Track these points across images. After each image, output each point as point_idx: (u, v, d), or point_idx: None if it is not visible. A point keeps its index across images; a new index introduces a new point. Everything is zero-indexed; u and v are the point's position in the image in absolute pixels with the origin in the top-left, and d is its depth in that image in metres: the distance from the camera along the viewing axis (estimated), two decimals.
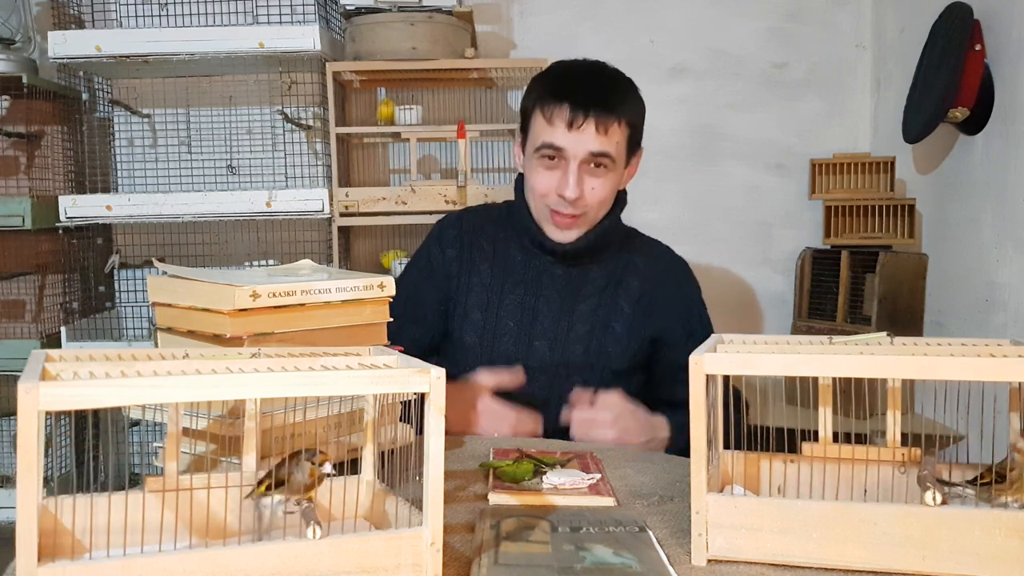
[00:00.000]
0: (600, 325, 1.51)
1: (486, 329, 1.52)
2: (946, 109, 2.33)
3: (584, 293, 1.53)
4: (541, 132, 1.44)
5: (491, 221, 1.61)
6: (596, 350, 1.51)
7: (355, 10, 2.75)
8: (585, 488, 0.99)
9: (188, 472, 0.82)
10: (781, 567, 0.79)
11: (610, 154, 1.43)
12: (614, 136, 1.43)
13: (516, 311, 1.52)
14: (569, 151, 1.42)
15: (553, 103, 1.43)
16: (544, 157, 1.45)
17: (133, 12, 2.93)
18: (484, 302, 1.53)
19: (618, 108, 1.43)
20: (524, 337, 1.51)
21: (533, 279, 1.53)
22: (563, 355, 1.50)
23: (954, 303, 2.55)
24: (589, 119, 1.40)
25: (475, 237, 1.59)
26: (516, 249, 1.56)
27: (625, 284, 1.54)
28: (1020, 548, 0.74)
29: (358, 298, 1.06)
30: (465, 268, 1.56)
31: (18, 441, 0.62)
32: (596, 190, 1.45)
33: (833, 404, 0.89)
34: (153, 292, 1.06)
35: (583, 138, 1.41)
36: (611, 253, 1.55)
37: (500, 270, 1.55)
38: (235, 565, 0.68)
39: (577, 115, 1.40)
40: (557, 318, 1.51)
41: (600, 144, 1.41)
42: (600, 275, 1.54)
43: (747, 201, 3.17)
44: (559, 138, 1.42)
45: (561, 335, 1.51)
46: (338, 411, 0.98)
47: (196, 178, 3.09)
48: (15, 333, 2.97)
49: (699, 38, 3.14)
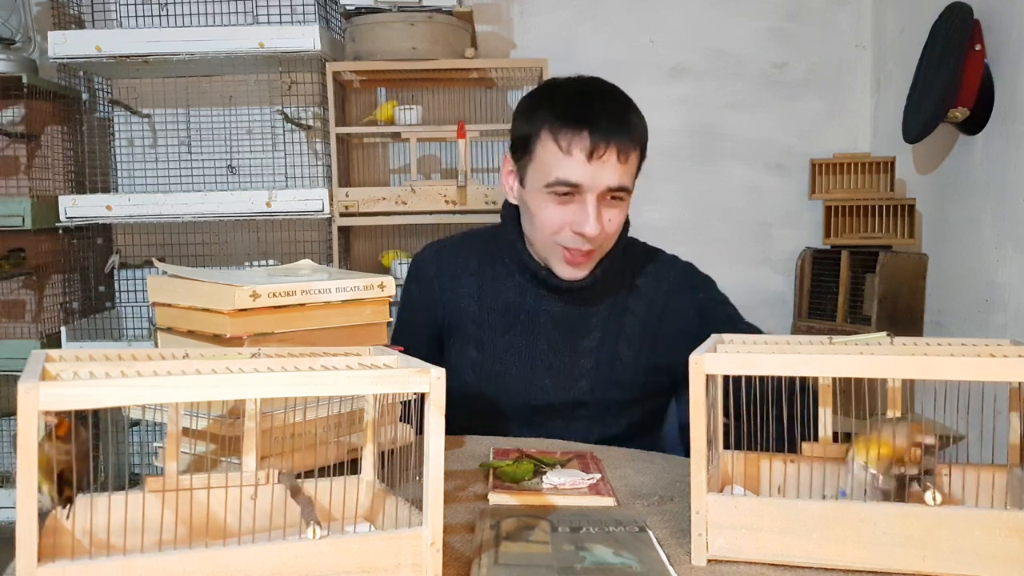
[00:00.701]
0: (606, 358, 1.41)
1: (484, 369, 1.42)
2: (946, 109, 2.33)
3: (587, 327, 1.42)
4: (555, 165, 1.27)
5: (474, 253, 1.47)
6: (605, 383, 1.41)
7: (355, 10, 2.76)
8: (585, 488, 0.99)
9: (188, 472, 0.82)
10: (781, 567, 0.79)
11: (627, 187, 1.30)
12: (632, 165, 1.30)
13: (515, 352, 1.41)
14: (587, 185, 1.26)
15: (571, 131, 1.26)
16: (556, 193, 1.29)
17: (133, 12, 2.93)
18: (479, 341, 1.43)
19: (634, 132, 1.29)
20: (526, 377, 1.41)
21: (530, 319, 1.41)
22: (569, 393, 1.40)
23: (954, 303, 2.55)
24: (611, 147, 1.25)
25: (457, 273, 1.46)
26: (507, 287, 1.42)
27: (630, 310, 1.43)
28: (1020, 548, 0.74)
29: (358, 298, 1.06)
30: (452, 307, 1.45)
31: (18, 441, 0.62)
32: (612, 221, 1.31)
33: (833, 404, 0.89)
34: (153, 292, 1.06)
35: (604, 170, 1.26)
36: (613, 281, 1.42)
37: (490, 309, 1.43)
38: (235, 565, 0.68)
39: (599, 144, 1.24)
40: (560, 356, 1.41)
41: (620, 177, 1.27)
42: (602, 306, 1.42)
43: (747, 201, 3.17)
44: (576, 172, 1.26)
45: (566, 372, 1.41)
46: (338, 411, 0.98)
47: (196, 178, 3.09)
48: (15, 333, 2.98)
49: (699, 38, 3.15)
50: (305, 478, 0.82)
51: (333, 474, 0.85)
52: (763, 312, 3.19)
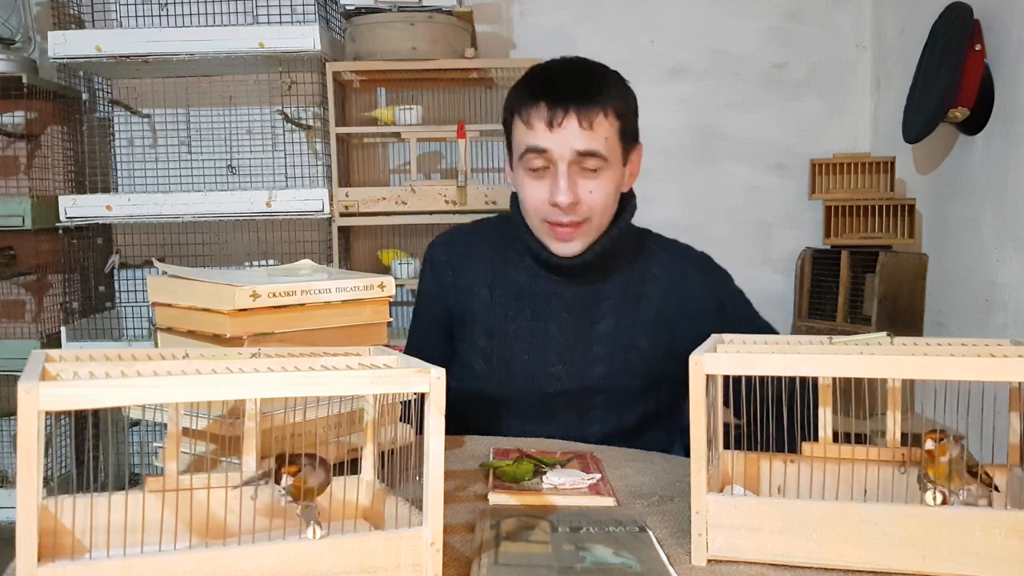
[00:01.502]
0: (622, 345, 1.40)
1: (494, 356, 1.42)
2: (946, 109, 2.33)
3: (600, 312, 1.41)
4: (522, 137, 1.34)
5: (485, 240, 1.49)
6: (621, 370, 1.39)
7: (355, 10, 2.76)
8: (585, 488, 0.99)
9: (188, 472, 0.82)
10: (781, 567, 0.79)
11: (598, 152, 1.30)
12: (601, 131, 1.31)
13: (525, 338, 1.41)
14: (554, 152, 1.30)
15: (530, 104, 1.32)
16: (531, 167, 1.33)
17: (133, 12, 2.93)
18: (489, 327, 1.43)
19: (600, 98, 1.31)
20: (538, 362, 1.40)
21: (540, 302, 1.42)
22: (582, 380, 1.39)
23: (954, 303, 2.55)
24: (570, 114, 1.29)
25: (469, 260, 1.47)
26: (518, 270, 1.44)
27: (645, 297, 1.42)
28: (1020, 548, 0.74)
29: (358, 298, 1.06)
30: (464, 294, 1.46)
31: (18, 441, 0.62)
32: (594, 193, 1.32)
33: (833, 404, 0.89)
34: (153, 292, 1.06)
35: (566, 136, 1.29)
36: (624, 264, 1.42)
37: (501, 294, 1.44)
38: (235, 565, 0.68)
39: (556, 112, 1.29)
40: (572, 341, 1.40)
41: (586, 141, 1.29)
42: (614, 290, 1.42)
43: (747, 201, 3.17)
44: (541, 139, 1.30)
45: (579, 358, 1.40)
46: (338, 411, 0.98)
47: (196, 178, 3.09)
48: (15, 333, 2.98)
49: (699, 38, 3.15)
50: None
51: (333, 474, 0.85)
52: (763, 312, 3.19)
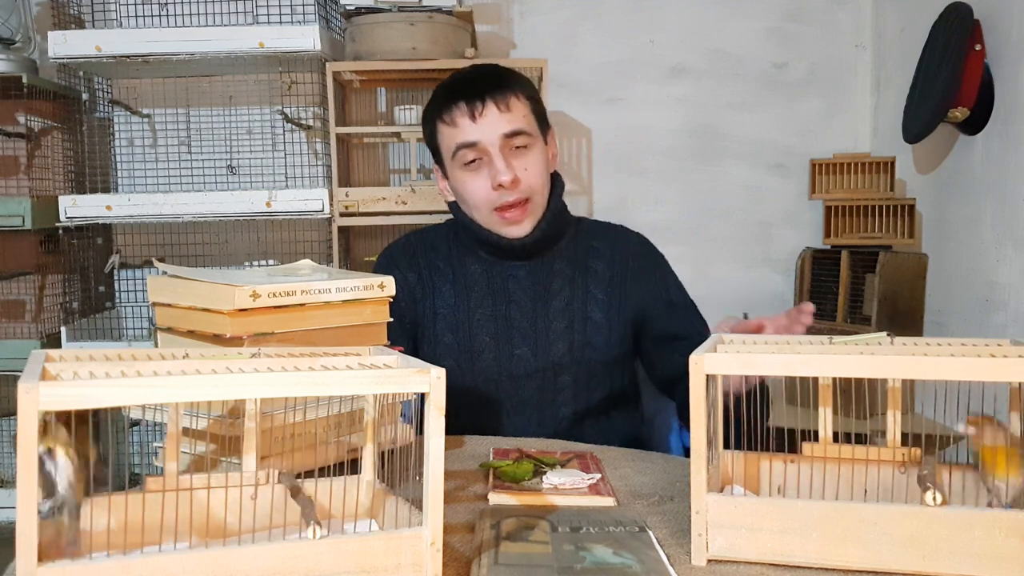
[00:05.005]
0: (579, 317, 1.48)
1: (461, 350, 1.47)
2: (946, 109, 2.33)
3: (554, 288, 1.49)
4: (450, 138, 1.43)
5: (442, 240, 1.56)
6: (580, 344, 1.47)
7: (355, 10, 2.75)
8: (585, 488, 0.99)
9: (188, 472, 0.82)
10: (781, 567, 0.79)
11: (523, 130, 1.42)
12: (518, 111, 1.42)
13: (490, 324, 1.48)
14: (484, 141, 1.40)
15: (450, 105, 1.43)
16: (466, 164, 1.43)
17: (133, 12, 2.93)
18: (454, 324, 1.48)
19: (510, 83, 1.44)
20: (504, 347, 1.47)
21: (499, 287, 1.49)
22: (547, 357, 1.46)
23: (954, 303, 2.55)
24: (487, 103, 1.40)
25: (430, 259, 1.54)
26: (474, 262, 1.51)
27: (592, 270, 1.51)
28: (1020, 548, 0.74)
29: (358, 298, 1.06)
30: (428, 292, 1.51)
31: (18, 441, 0.62)
32: (529, 170, 1.42)
33: (833, 404, 0.89)
34: (153, 292, 1.06)
35: (489, 123, 1.40)
36: (568, 240, 1.53)
37: (463, 287, 1.50)
38: (235, 565, 0.68)
39: (475, 104, 1.40)
40: (532, 320, 1.48)
41: (508, 122, 1.41)
42: (564, 265, 1.51)
43: (747, 201, 3.17)
44: (468, 134, 1.41)
45: (541, 337, 1.47)
46: (338, 411, 0.98)
47: (196, 178, 3.09)
48: (15, 333, 2.97)
49: (699, 38, 3.14)
50: (305, 478, 0.82)
51: (333, 474, 0.85)
52: (763, 312, 3.17)
